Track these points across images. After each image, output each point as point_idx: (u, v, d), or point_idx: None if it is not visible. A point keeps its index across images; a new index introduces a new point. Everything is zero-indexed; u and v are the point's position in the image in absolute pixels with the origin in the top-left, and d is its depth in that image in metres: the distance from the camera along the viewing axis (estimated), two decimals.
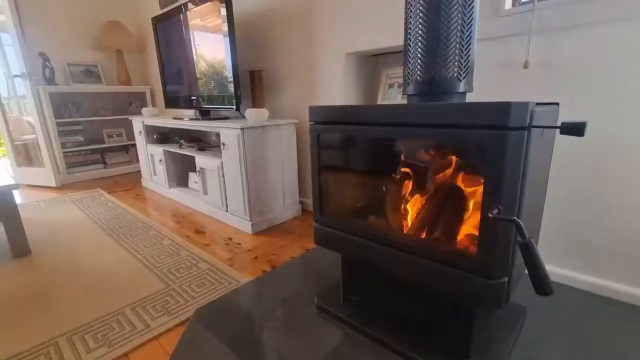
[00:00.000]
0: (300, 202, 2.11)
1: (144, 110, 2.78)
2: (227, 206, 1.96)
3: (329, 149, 0.98)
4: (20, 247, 1.59)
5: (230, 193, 1.89)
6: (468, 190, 0.81)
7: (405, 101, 1.57)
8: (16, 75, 2.71)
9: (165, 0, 2.89)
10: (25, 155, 3.08)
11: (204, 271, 1.42)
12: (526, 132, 0.59)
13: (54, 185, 2.91)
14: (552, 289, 0.55)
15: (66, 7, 3.02)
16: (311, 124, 0.96)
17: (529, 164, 0.62)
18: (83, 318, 1.13)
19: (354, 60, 1.77)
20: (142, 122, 2.65)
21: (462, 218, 0.83)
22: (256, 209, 1.83)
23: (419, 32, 0.84)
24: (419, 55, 0.86)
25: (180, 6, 2.19)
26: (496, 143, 0.60)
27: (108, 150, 3.36)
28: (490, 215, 0.59)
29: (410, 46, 0.88)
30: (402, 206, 0.94)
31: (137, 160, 3.39)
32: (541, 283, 0.55)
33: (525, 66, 1.15)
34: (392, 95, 1.67)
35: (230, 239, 1.78)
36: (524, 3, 1.15)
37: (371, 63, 1.83)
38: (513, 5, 1.18)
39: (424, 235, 0.87)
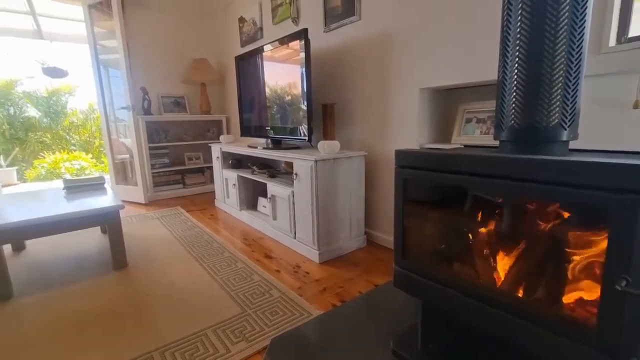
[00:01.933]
0: (366, 233, 2.10)
1: (221, 137, 3.05)
2: (295, 233, 2.03)
3: (415, 192, 0.97)
4: (119, 261, 1.81)
5: (300, 221, 1.96)
6: (576, 249, 0.74)
7: (488, 138, 1.51)
8: (122, 108, 3.18)
9: (247, 38, 3.20)
10: (122, 174, 3.55)
11: (276, 299, 1.47)
12: None
13: (142, 202, 3.29)
14: None
15: (163, 48, 3.51)
16: (397, 167, 0.97)
17: None
18: (172, 334, 1.24)
19: (428, 94, 1.77)
20: (220, 148, 2.90)
21: (566, 278, 0.76)
22: (324, 238, 1.86)
23: (517, 70, 0.81)
24: (515, 97, 0.82)
25: (261, 46, 2.41)
26: (626, 209, 0.54)
27: (187, 171, 3.72)
28: (618, 288, 0.54)
29: (505, 86, 0.85)
30: (493, 257, 0.89)
31: (211, 182, 3.70)
32: None
33: (636, 106, 1.04)
34: (469, 131, 1.62)
35: (299, 266, 1.82)
36: (632, 39, 1.06)
37: (446, 97, 1.81)
38: (618, 42, 1.09)
39: (520, 292, 0.81)
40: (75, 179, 2.26)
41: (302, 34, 1.96)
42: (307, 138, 2.08)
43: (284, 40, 2.14)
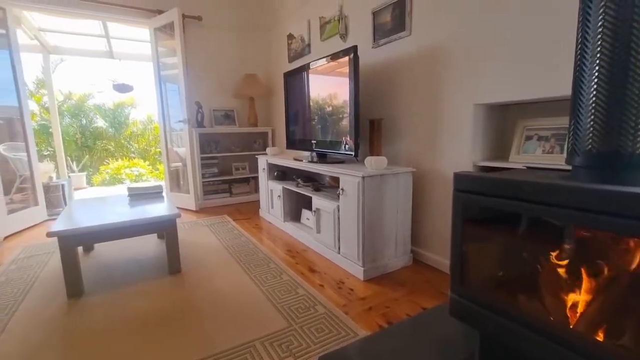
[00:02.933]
0: (412, 252, 2.04)
1: (268, 149, 3.16)
2: (339, 248, 2.02)
3: (475, 217, 0.93)
4: (174, 266, 1.92)
5: (344, 236, 1.95)
6: None
7: (552, 157, 1.41)
8: (179, 121, 3.42)
9: (294, 54, 3.30)
10: (176, 181, 3.79)
11: (322, 315, 1.47)
12: None
13: (193, 209, 3.49)
14: None
15: (216, 64, 3.73)
16: (455, 191, 0.93)
17: None
18: (222, 343, 1.28)
19: (483, 110, 1.69)
20: (266, 160, 3.00)
21: None
22: (369, 255, 1.83)
23: (596, 88, 0.74)
24: (593, 119, 0.75)
25: (309, 63, 2.47)
26: None
27: (234, 181, 3.88)
28: None
29: (581, 106, 0.78)
30: (566, 293, 0.81)
31: (256, 191, 3.83)
32: None
33: None
34: (529, 149, 1.52)
35: (342, 282, 1.81)
36: None
37: (502, 112, 1.72)
38: None
39: (600, 335, 0.73)
40: (137, 187, 2.46)
41: (352, 51, 1.98)
42: (354, 153, 2.08)
43: (333, 57, 2.18)
